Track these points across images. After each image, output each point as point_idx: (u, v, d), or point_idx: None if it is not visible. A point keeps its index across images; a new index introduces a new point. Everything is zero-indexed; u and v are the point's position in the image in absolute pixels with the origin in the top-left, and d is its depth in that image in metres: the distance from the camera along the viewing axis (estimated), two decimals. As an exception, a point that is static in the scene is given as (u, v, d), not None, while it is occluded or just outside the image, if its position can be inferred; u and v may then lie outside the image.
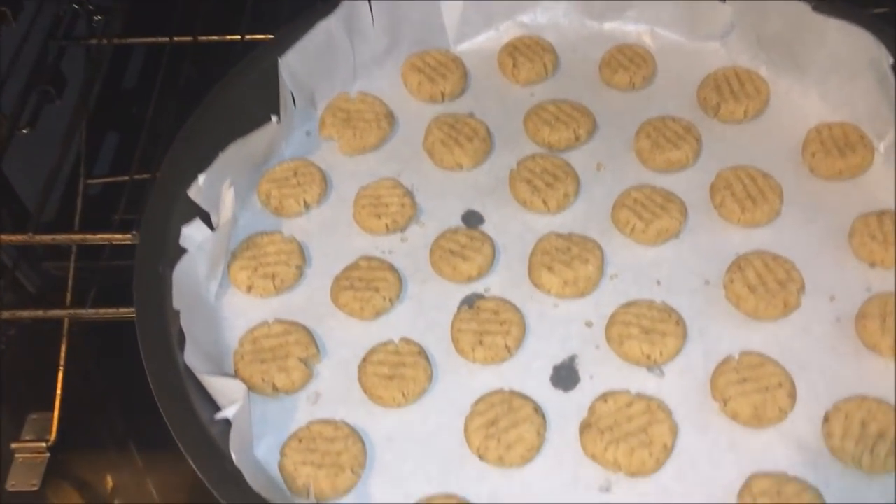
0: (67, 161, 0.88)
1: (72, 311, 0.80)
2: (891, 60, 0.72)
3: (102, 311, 0.79)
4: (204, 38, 0.96)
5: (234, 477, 0.55)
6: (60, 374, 0.77)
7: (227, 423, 0.58)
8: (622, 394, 0.62)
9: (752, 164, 0.75)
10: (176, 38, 0.95)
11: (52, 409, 0.75)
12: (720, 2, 0.81)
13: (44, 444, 0.75)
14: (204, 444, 0.56)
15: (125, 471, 0.75)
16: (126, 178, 0.85)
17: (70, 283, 0.82)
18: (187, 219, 0.68)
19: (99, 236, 0.80)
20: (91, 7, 1.01)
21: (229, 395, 0.59)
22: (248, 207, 0.77)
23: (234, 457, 0.55)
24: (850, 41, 0.74)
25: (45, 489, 0.73)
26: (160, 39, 0.96)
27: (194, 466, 0.54)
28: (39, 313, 0.80)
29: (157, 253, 0.67)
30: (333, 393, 0.66)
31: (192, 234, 0.68)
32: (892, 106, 0.74)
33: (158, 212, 0.69)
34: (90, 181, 0.91)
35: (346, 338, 0.69)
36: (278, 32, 0.81)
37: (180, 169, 0.71)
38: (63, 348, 0.78)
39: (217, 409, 0.60)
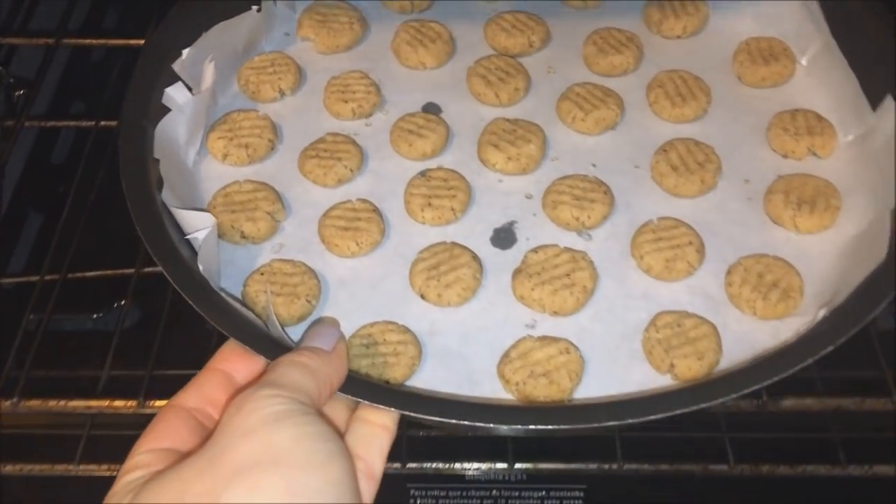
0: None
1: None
2: (811, -25, 0.81)
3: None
4: None
5: (201, 282, 0.62)
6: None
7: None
8: (552, 247, 0.70)
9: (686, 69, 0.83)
10: (103, 123, 0.85)
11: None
12: (667, -71, 0.89)
13: None
14: (175, 258, 0.64)
15: None
16: (36, 278, 0.75)
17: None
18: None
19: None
20: (11, 80, 0.92)
21: (199, 226, 0.66)
22: (226, 92, 0.85)
23: (200, 267, 0.63)
24: (776, -39, 0.83)
25: None
26: (84, 123, 0.87)
27: (165, 273, 0.62)
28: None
29: (141, 111, 0.74)
30: (295, 244, 0.73)
31: (175, 95, 0.75)
32: (814, 23, 0.82)
33: (144, 76, 0.76)
34: (2, 281, 0.83)
35: (310, 200, 0.76)
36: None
37: (166, 45, 0.79)
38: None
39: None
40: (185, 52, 0.78)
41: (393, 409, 0.54)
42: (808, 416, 0.72)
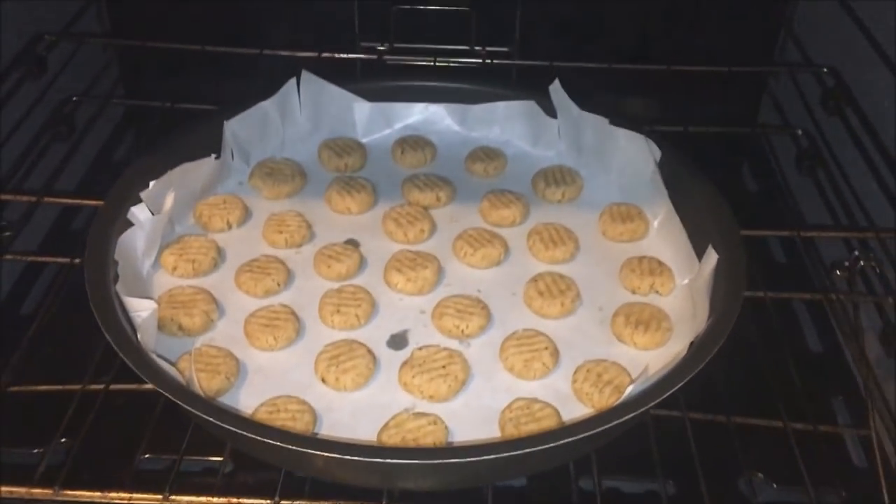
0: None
1: None
2: (658, 156, 1.02)
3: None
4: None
5: (138, 349, 0.76)
6: None
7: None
8: (435, 346, 0.85)
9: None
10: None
11: None
12: (553, 119, 1.12)
13: None
14: (121, 331, 0.78)
15: None
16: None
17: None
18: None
19: None
20: None
21: (142, 309, 0.81)
22: (183, 223, 1.02)
23: (138, 336, 0.77)
24: (633, 145, 1.05)
25: None
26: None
27: (111, 342, 0.76)
28: None
29: (110, 222, 0.91)
30: (223, 339, 0.88)
31: (138, 213, 0.92)
32: (661, 195, 1.02)
33: (116, 199, 0.93)
34: None
35: (241, 307, 0.92)
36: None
37: (138, 179, 0.97)
38: None
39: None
40: (152, 183, 0.96)
41: (292, 446, 0.67)
42: None
